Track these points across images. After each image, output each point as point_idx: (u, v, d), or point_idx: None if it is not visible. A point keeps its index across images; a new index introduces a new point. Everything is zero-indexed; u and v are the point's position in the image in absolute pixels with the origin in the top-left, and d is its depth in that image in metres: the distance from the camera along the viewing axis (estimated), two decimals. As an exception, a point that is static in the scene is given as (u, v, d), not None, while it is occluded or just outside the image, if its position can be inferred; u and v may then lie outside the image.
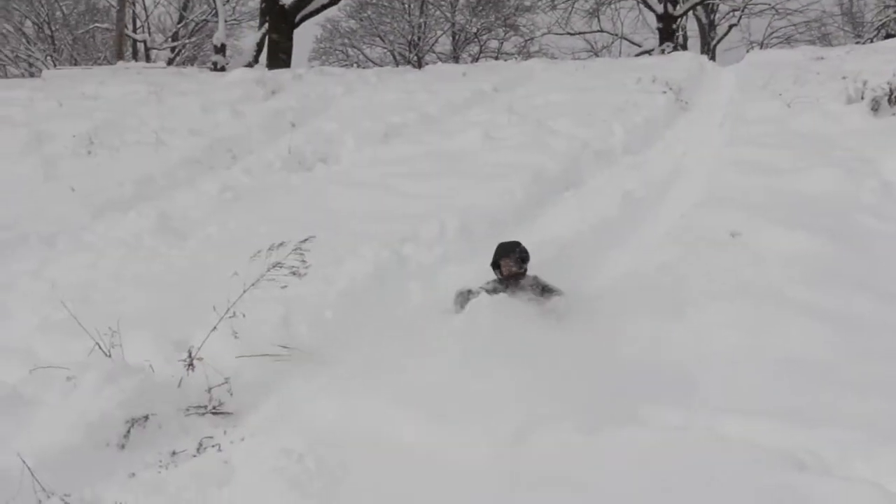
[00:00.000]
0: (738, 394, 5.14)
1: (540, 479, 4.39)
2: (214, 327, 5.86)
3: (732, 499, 4.14)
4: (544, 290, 6.42)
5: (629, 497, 4.22)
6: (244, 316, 5.91)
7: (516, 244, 6.59)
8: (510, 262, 6.53)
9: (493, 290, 6.37)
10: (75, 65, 30.49)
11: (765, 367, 5.48)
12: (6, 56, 31.60)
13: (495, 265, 6.61)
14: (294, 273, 5.99)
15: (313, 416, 5.17)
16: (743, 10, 33.87)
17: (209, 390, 5.61)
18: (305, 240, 6.17)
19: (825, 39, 32.63)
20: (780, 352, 5.67)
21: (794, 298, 6.42)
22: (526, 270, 6.57)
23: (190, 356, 5.72)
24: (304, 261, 6.02)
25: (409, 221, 8.85)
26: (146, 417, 5.23)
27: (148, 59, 29.77)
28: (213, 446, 5.19)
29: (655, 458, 4.51)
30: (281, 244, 6.14)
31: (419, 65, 32.58)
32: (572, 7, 32.43)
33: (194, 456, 5.11)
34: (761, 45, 32.88)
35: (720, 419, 4.82)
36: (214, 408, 5.57)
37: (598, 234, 8.86)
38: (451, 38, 38.12)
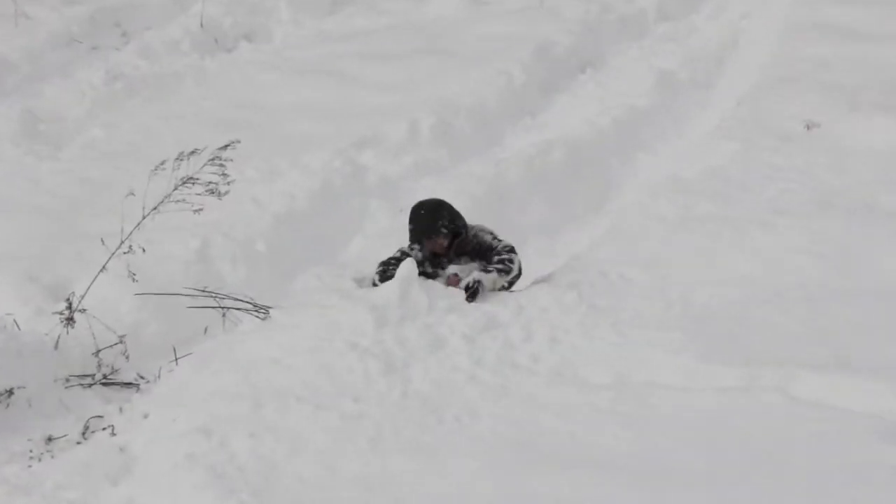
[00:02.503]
0: (811, 343, 5.13)
1: (575, 460, 4.42)
2: (104, 267, 5.80)
3: (817, 478, 4.14)
4: (482, 254, 6.01)
5: (684, 477, 4.23)
6: (144, 251, 5.83)
7: (438, 213, 6.09)
8: (437, 241, 6.07)
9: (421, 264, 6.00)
10: None
11: (852, 305, 5.45)
12: None
13: (417, 242, 6.13)
14: (212, 192, 5.89)
15: (238, 385, 5.13)
16: None
17: (97, 353, 5.56)
18: (227, 146, 6.05)
19: None
20: (873, 284, 5.65)
21: (891, 210, 6.42)
22: (462, 234, 6.10)
23: (70, 307, 5.63)
24: (225, 174, 5.91)
25: (368, 120, 8.80)
26: (10, 392, 5.19)
27: None
28: (103, 429, 5.16)
29: (714, 427, 4.55)
30: (193, 152, 5.99)
31: None
32: None
33: (79, 442, 5.08)
34: None
35: (787, 375, 4.83)
36: (105, 376, 5.54)
37: (624, 130, 8.85)
38: None
